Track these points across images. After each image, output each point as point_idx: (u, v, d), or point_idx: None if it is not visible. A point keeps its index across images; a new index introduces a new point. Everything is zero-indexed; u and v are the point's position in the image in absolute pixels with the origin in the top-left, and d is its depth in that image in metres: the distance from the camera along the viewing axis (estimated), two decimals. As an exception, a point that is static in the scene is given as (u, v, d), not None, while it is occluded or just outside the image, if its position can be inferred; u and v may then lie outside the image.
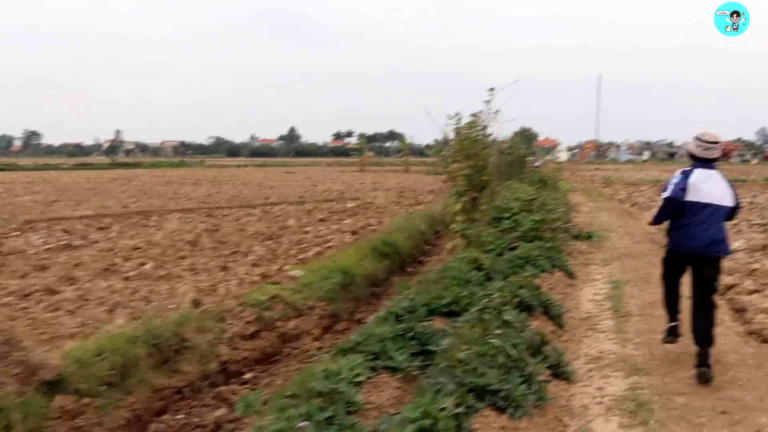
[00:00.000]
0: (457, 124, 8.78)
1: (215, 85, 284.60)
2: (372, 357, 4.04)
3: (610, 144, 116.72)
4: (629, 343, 5.57)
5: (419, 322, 4.72)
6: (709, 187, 4.80)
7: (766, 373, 4.84)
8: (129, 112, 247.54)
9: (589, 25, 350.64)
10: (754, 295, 6.72)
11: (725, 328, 5.87)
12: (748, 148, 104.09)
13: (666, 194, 4.91)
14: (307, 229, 12.59)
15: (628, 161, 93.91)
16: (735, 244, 9.01)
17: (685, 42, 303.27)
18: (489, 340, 4.18)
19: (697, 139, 4.91)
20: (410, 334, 4.41)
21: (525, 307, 5.58)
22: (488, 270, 6.84)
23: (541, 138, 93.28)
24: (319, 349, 5.67)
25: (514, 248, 8.29)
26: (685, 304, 5.10)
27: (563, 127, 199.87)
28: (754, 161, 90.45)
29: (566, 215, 12.89)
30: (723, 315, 6.09)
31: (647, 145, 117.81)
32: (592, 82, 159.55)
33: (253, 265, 8.61)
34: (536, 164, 38.90)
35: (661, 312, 5.49)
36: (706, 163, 4.89)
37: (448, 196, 9.16)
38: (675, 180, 4.88)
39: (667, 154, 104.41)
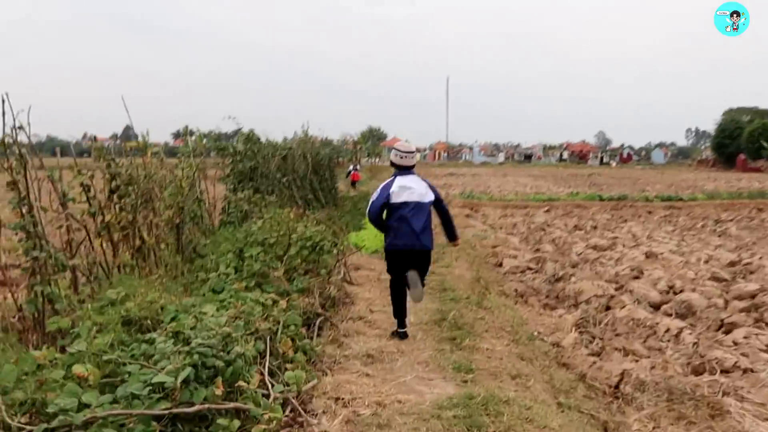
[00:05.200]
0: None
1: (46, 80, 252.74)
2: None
3: (462, 145, 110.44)
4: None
5: None
6: (411, 189, 5.47)
7: None
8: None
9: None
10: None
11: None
12: (599, 150, 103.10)
13: (372, 201, 5.58)
14: None
15: (484, 163, 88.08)
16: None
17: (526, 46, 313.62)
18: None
19: (396, 149, 5.61)
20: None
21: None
22: None
23: (389, 138, 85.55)
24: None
25: None
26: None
27: (414, 128, 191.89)
28: (614, 163, 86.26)
29: None
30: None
31: (496, 147, 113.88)
32: (440, 81, 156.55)
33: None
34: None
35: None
36: (406, 169, 5.57)
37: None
38: (377, 193, 5.56)
39: (524, 156, 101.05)
